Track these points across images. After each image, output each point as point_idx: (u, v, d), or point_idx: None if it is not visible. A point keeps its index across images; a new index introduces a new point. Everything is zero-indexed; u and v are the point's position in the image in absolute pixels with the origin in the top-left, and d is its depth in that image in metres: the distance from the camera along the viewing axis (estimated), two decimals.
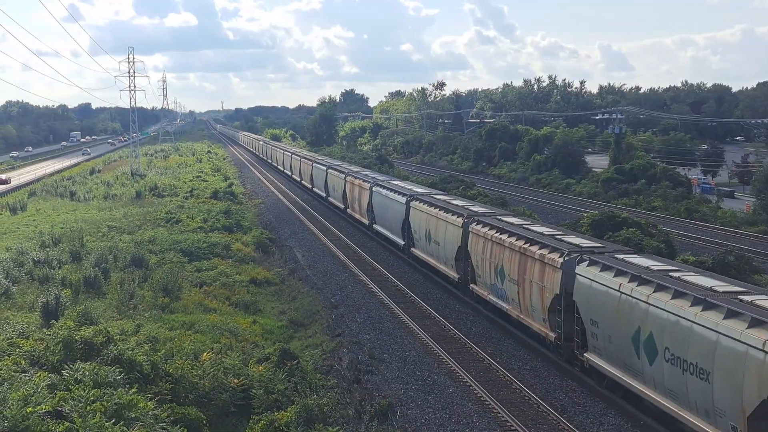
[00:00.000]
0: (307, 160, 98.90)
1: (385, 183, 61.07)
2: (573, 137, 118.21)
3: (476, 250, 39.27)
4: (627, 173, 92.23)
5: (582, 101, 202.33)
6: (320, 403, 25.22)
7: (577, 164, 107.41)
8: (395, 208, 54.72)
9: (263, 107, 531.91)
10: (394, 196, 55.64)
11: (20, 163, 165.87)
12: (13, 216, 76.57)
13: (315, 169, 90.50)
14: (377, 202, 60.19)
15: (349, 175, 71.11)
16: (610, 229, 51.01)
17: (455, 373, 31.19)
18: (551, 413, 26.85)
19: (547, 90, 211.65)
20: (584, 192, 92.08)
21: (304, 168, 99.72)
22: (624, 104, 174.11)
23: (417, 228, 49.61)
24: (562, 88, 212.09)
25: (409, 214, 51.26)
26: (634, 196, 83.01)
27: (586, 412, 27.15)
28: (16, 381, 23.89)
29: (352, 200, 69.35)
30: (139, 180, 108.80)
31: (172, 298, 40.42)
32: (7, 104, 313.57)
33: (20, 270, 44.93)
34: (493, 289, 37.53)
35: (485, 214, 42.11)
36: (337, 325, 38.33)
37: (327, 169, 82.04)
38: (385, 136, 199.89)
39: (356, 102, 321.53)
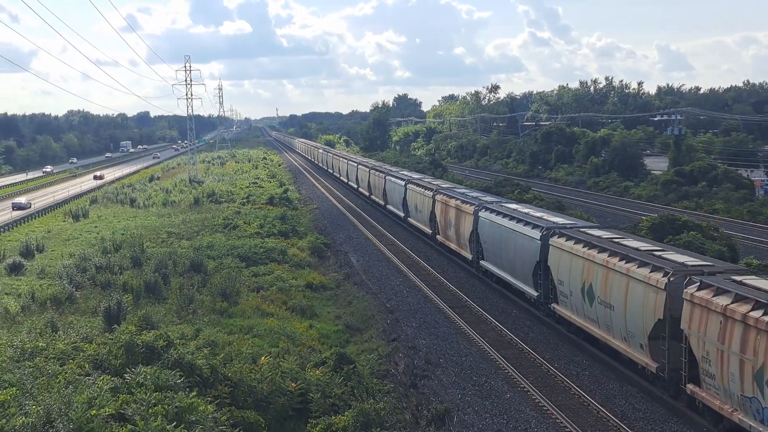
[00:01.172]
0: (378, 172, 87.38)
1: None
2: (631, 139, 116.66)
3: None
4: (687, 175, 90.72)
5: (640, 102, 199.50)
6: (377, 407, 25.28)
7: (636, 167, 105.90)
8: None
9: (317, 113, 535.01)
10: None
11: (89, 168, 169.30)
12: (76, 223, 78.24)
13: (389, 182, 79.19)
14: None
15: (440, 193, 59.52)
16: (670, 233, 50.25)
17: (513, 378, 31.03)
18: (611, 419, 26.55)
19: (603, 91, 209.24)
20: (643, 195, 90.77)
21: (376, 181, 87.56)
22: (683, 105, 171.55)
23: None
24: (620, 89, 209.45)
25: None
26: (694, 199, 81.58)
27: (647, 419, 26.78)
28: (81, 384, 24.41)
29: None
30: (197, 187, 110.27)
31: (230, 303, 40.89)
32: (69, 113, 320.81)
33: (83, 275, 45.87)
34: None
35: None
36: (393, 329, 38.38)
37: (406, 183, 70.81)
38: (438, 140, 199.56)
39: (409, 106, 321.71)
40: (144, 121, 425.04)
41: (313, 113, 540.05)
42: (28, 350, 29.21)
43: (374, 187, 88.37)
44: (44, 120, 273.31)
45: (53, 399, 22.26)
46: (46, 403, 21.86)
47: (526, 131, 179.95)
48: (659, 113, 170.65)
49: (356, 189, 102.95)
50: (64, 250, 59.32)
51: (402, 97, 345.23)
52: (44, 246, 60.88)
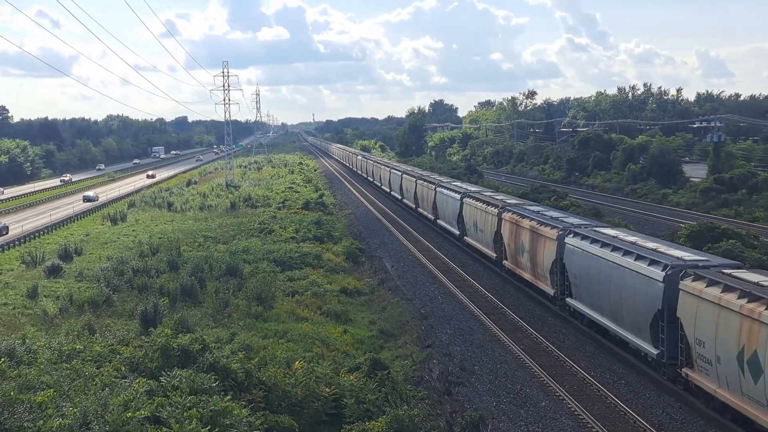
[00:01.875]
0: (427, 183, 79.25)
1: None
2: (669, 146, 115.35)
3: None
4: (727, 183, 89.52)
5: (679, 109, 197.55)
6: (411, 414, 25.17)
7: (674, 174, 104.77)
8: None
9: (353, 119, 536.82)
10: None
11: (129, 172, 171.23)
12: (114, 226, 79.07)
13: (440, 195, 71.55)
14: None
15: (508, 210, 51.21)
16: (709, 241, 49.57)
17: (548, 386, 30.77)
18: (648, 429, 26.21)
19: (642, 98, 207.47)
20: (681, 202, 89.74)
21: (424, 193, 79.53)
22: (723, 112, 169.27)
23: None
24: (658, 95, 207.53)
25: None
26: (734, 207, 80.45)
27: (685, 429, 26.41)
28: (117, 387, 24.62)
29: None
30: (233, 191, 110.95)
31: (266, 307, 41.02)
32: (108, 118, 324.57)
33: (120, 279, 46.32)
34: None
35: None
36: (427, 336, 38.25)
37: (462, 197, 63.10)
38: (474, 146, 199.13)
39: (445, 112, 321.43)
40: (182, 126, 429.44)
41: (349, 119, 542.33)
42: (66, 352, 29.54)
43: (422, 199, 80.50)
44: (84, 124, 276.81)
45: (90, 401, 22.45)
46: (82, 405, 22.06)
47: (563, 137, 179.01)
48: (698, 120, 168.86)
49: (399, 200, 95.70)
50: (101, 253, 59.96)
51: (438, 102, 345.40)
52: (82, 249, 61.57)
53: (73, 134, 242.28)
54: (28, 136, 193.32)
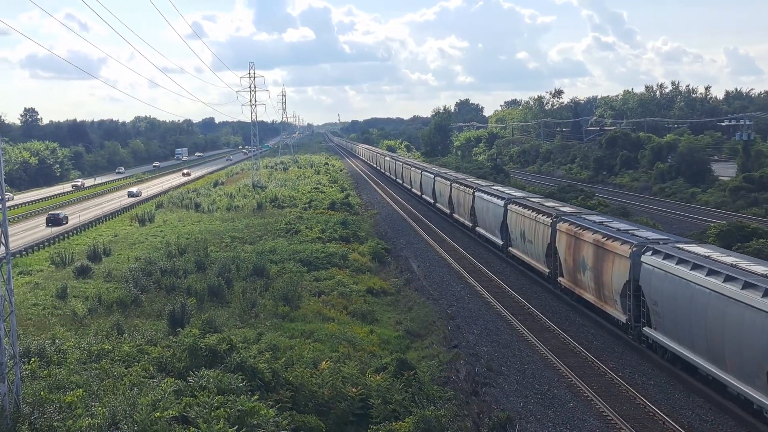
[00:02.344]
0: (463, 187, 73.02)
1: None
2: (698, 144, 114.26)
3: None
4: (756, 181, 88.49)
5: (707, 107, 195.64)
6: (438, 414, 25.14)
7: (703, 172, 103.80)
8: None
9: (378, 119, 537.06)
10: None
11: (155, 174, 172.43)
12: (142, 227, 79.64)
13: (479, 200, 65.38)
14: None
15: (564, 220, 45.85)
16: (738, 240, 49.11)
17: (576, 387, 30.59)
18: (678, 430, 25.98)
19: (669, 96, 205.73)
20: (710, 201, 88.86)
21: (461, 197, 73.09)
22: (752, 110, 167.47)
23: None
24: (686, 94, 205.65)
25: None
26: (764, 206, 79.49)
27: (714, 430, 26.16)
28: (145, 386, 24.80)
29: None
30: (260, 192, 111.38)
31: (292, 307, 41.13)
32: (136, 120, 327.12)
33: (148, 279, 46.60)
34: None
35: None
36: (454, 336, 38.18)
37: (507, 203, 56.83)
38: (500, 145, 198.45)
39: (471, 112, 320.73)
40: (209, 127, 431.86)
41: (374, 119, 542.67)
42: (95, 352, 29.80)
43: (458, 204, 74.33)
44: (112, 126, 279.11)
45: (118, 401, 22.64)
46: (111, 404, 22.25)
47: (590, 136, 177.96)
48: (727, 118, 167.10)
49: (432, 204, 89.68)
50: (130, 254, 60.39)
51: (464, 102, 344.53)
52: (111, 250, 62.04)
53: (101, 136, 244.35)
54: (57, 137, 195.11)
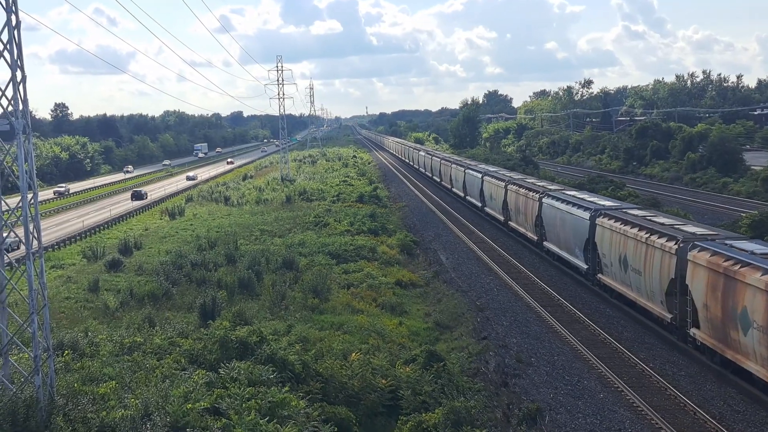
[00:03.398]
0: (525, 190, 59.99)
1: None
2: (730, 134, 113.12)
3: None
4: None
5: (739, 96, 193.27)
6: (467, 405, 25.16)
7: (735, 162, 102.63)
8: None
9: (406, 111, 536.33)
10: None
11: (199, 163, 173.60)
12: (172, 221, 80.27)
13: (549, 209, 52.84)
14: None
15: None
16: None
17: (606, 378, 30.47)
18: (709, 421, 25.81)
19: (701, 85, 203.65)
20: (742, 191, 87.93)
21: (522, 203, 60.24)
22: None
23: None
24: (718, 83, 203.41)
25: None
26: None
27: (746, 421, 25.96)
28: (177, 378, 25.04)
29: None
30: (288, 185, 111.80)
31: (322, 300, 41.31)
32: (165, 114, 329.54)
33: (179, 272, 47.00)
34: None
35: None
36: (483, 328, 38.14)
37: (596, 215, 43.80)
38: (529, 136, 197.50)
39: (499, 103, 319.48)
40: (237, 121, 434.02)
41: (402, 111, 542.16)
42: (127, 345, 30.13)
43: (517, 212, 62.04)
44: (141, 120, 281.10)
45: (151, 392, 22.89)
46: (144, 396, 22.51)
47: (620, 127, 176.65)
48: (760, 107, 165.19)
49: (480, 208, 77.87)
50: (160, 247, 60.91)
51: (492, 93, 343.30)
52: (142, 243, 62.63)
53: (131, 130, 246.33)
54: (88, 132, 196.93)
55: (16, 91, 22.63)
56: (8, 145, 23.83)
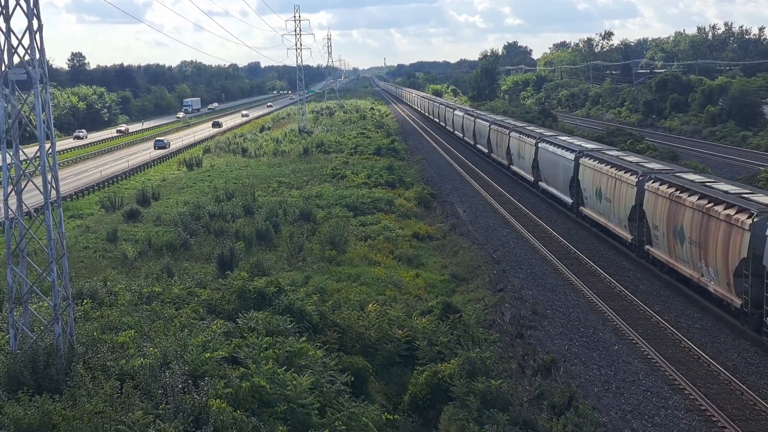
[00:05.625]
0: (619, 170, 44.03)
1: None
2: (750, 87, 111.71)
3: None
4: None
5: (761, 49, 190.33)
6: (483, 356, 25.34)
7: (755, 116, 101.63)
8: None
9: (425, 62, 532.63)
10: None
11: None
12: (190, 172, 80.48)
13: None
14: None
15: None
16: None
17: (621, 330, 30.58)
18: (722, 373, 25.92)
19: (722, 38, 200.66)
20: (762, 145, 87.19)
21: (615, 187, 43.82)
22: None
23: None
24: (739, 35, 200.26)
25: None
26: None
27: (760, 373, 26.03)
28: (195, 328, 25.30)
29: None
30: (306, 137, 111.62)
31: (339, 251, 41.46)
32: (182, 64, 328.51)
33: (197, 223, 47.20)
34: None
35: None
36: (499, 280, 38.24)
37: None
38: (548, 89, 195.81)
39: (519, 55, 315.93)
40: (254, 72, 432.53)
41: (420, 62, 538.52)
42: (146, 294, 30.38)
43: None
44: (158, 71, 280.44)
45: (169, 341, 23.15)
46: (162, 345, 22.75)
47: (640, 79, 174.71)
48: None
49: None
50: (178, 198, 61.15)
51: (512, 45, 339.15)
52: (160, 194, 62.90)
53: (147, 80, 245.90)
54: (105, 82, 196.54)
55: (32, 40, 22.59)
56: (26, 95, 23.86)
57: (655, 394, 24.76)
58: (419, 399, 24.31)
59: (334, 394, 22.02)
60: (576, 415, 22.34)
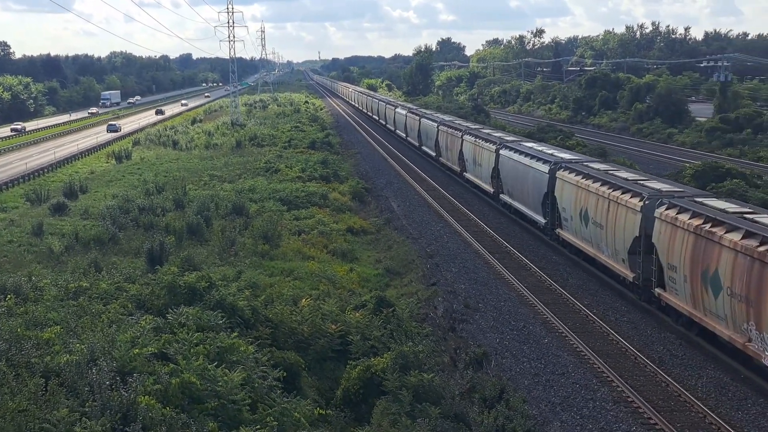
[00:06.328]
0: None
1: None
2: (676, 85, 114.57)
3: None
4: (732, 122, 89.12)
5: (686, 48, 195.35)
6: (416, 350, 25.42)
7: (681, 113, 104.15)
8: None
9: (360, 57, 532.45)
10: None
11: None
12: (119, 164, 79.05)
13: None
14: None
15: None
16: (713, 180, 49.55)
17: (551, 323, 31.01)
18: (648, 365, 26.48)
19: (650, 37, 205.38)
20: (687, 142, 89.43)
21: None
22: (730, 51, 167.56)
23: None
24: (666, 34, 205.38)
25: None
26: (739, 146, 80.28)
27: (684, 365, 26.67)
28: (124, 324, 24.79)
29: None
30: (239, 130, 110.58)
31: (272, 246, 41.17)
32: (112, 55, 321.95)
33: (126, 217, 46.36)
34: None
35: None
36: (433, 274, 38.46)
37: None
38: (481, 85, 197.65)
39: (452, 51, 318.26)
40: (186, 63, 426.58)
41: (355, 57, 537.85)
42: (72, 289, 29.67)
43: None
44: (87, 61, 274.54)
45: (97, 338, 22.63)
46: (89, 341, 22.23)
47: (570, 77, 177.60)
48: (706, 59, 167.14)
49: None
50: (107, 191, 60.02)
51: (445, 41, 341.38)
52: (87, 187, 61.62)
53: (76, 71, 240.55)
54: (31, 72, 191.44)
55: None
56: None
57: (583, 387, 25.18)
58: (352, 394, 24.25)
59: (266, 390, 21.81)
60: (507, 408, 22.61)
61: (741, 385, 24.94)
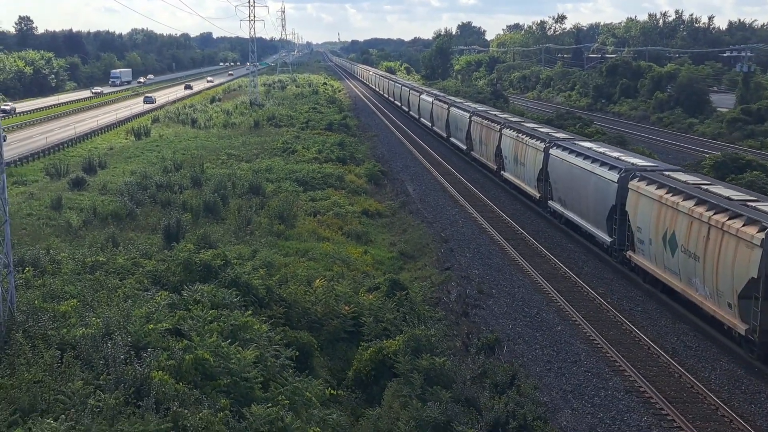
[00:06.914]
0: None
1: None
2: (698, 75, 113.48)
3: None
4: (754, 114, 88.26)
5: (709, 38, 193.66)
6: (428, 333, 25.49)
7: (702, 103, 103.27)
8: None
9: (379, 39, 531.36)
10: None
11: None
12: (138, 141, 79.33)
13: None
14: None
15: None
16: (733, 172, 49.19)
17: (564, 311, 30.99)
18: (662, 355, 26.43)
19: (672, 25, 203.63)
20: (707, 132, 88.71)
21: None
22: (754, 41, 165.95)
23: None
24: (689, 23, 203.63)
25: None
26: (760, 138, 79.48)
27: (698, 356, 26.61)
28: (139, 299, 25.00)
29: None
30: (257, 110, 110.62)
31: (287, 226, 41.29)
32: (133, 32, 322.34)
33: (144, 193, 46.59)
34: None
35: None
36: (447, 258, 38.47)
37: None
38: (501, 70, 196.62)
39: (473, 35, 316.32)
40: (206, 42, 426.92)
41: (374, 39, 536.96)
42: (89, 264, 29.90)
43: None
44: (108, 38, 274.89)
45: (112, 312, 22.85)
46: (105, 315, 22.44)
47: (591, 64, 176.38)
48: (729, 49, 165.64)
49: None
50: (125, 167, 60.28)
51: (466, 25, 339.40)
52: (106, 162, 61.92)
53: (97, 47, 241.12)
54: (53, 47, 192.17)
55: None
56: None
57: (595, 375, 25.18)
58: (363, 375, 24.38)
59: (278, 369, 21.95)
60: (518, 394, 22.64)
61: (755, 379, 24.87)
